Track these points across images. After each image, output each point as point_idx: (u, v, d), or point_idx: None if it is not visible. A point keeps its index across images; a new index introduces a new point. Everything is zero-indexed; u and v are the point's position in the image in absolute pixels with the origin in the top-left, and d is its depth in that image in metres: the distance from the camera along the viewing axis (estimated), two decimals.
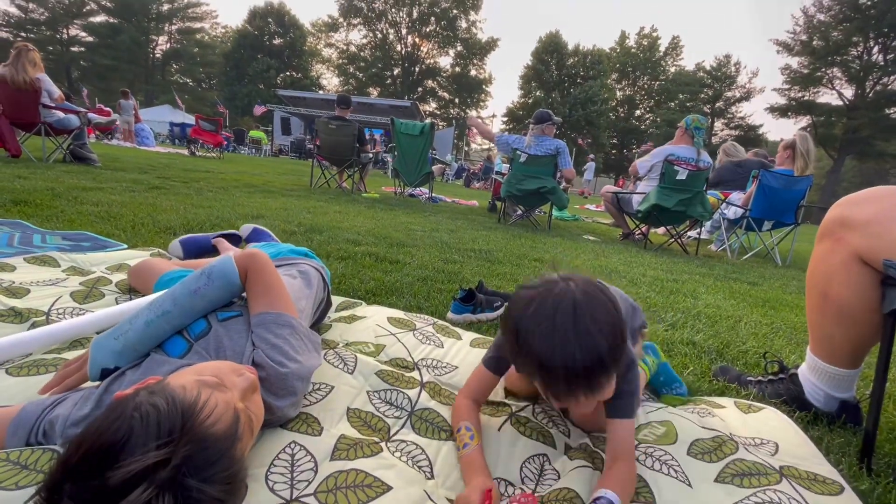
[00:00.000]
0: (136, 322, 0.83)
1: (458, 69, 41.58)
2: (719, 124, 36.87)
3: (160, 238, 2.11)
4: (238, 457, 0.55)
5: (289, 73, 39.43)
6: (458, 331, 1.39)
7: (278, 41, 39.07)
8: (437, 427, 0.91)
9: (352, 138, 5.71)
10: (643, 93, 40.71)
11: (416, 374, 1.10)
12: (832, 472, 0.82)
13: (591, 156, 19.26)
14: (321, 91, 36.97)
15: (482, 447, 0.82)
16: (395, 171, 6.17)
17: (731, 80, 37.20)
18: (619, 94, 40.40)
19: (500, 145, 4.86)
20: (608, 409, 0.81)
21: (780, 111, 31.69)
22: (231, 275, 0.89)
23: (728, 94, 37.29)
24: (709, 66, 37.97)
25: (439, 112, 41.58)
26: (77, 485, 0.46)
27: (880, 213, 0.91)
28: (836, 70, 29.28)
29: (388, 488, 0.70)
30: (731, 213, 4.57)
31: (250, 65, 36.58)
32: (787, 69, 30.79)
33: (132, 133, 11.40)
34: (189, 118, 18.23)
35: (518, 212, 5.18)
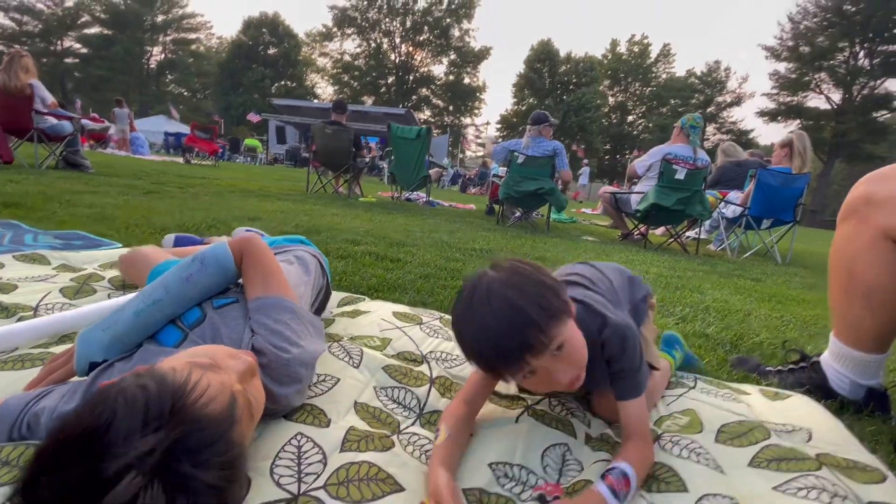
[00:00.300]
0: (124, 313, 0.78)
1: (451, 77, 41.82)
2: (711, 129, 37.21)
3: (155, 239, 2.05)
4: (236, 441, 0.50)
5: (283, 83, 39.51)
6: None
7: (273, 51, 39.21)
8: None
9: (348, 143, 5.68)
10: (635, 99, 41.10)
11: (424, 368, 1.05)
12: (872, 460, 0.78)
13: (586, 161, 19.35)
14: (316, 100, 37.05)
15: (453, 442, 0.74)
16: (392, 175, 6.13)
17: (722, 85, 37.67)
18: (611, 100, 40.77)
19: (496, 155, 4.86)
20: (615, 393, 0.79)
21: (771, 115, 32.10)
22: (225, 260, 0.84)
23: (719, 99, 37.74)
24: (699, 72, 38.47)
25: (433, 120, 41.69)
26: (56, 477, 0.40)
27: None
28: (823, 75, 29.75)
29: (402, 489, 0.66)
30: (730, 211, 4.56)
31: (245, 75, 36.64)
32: (775, 74, 31.26)
33: (127, 142, 11.32)
34: (184, 127, 18.14)
35: (516, 214, 5.15)
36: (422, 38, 40.80)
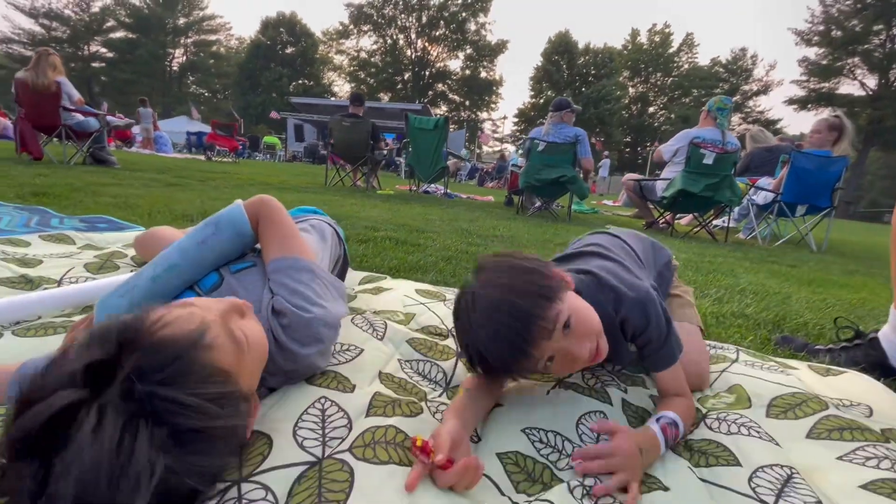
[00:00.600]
0: (141, 278, 0.77)
1: (467, 72, 41.54)
2: (737, 119, 36.04)
3: (176, 225, 2.06)
4: (209, 364, 0.47)
5: (301, 81, 39.91)
6: None
7: (290, 50, 39.62)
8: None
9: (366, 135, 5.66)
10: (656, 89, 40.11)
11: (450, 342, 1.01)
12: None
13: (606, 153, 18.96)
14: (333, 97, 37.32)
15: (470, 398, 0.71)
16: (410, 167, 6.10)
17: (748, 73, 36.43)
18: (631, 91, 39.89)
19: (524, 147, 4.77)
20: (649, 366, 0.78)
21: (800, 103, 30.85)
22: (240, 223, 0.82)
23: (745, 87, 36.50)
24: (724, 60, 37.27)
25: (450, 115, 41.52)
26: (14, 433, 0.39)
27: None
28: (857, 59, 28.42)
29: None
30: (761, 198, 4.37)
31: (263, 74, 37.13)
32: (804, 61, 30.02)
33: (151, 141, 11.59)
34: (205, 127, 18.50)
35: (536, 204, 5.05)
36: (438, 34, 40.61)
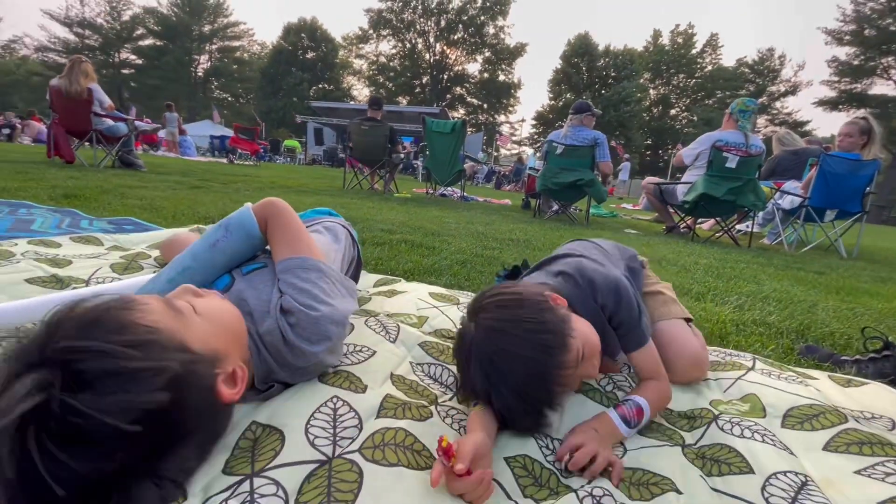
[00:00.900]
0: (158, 280, 0.82)
1: (486, 75, 41.53)
2: (763, 121, 35.09)
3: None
4: (127, 320, 0.51)
5: (321, 86, 40.54)
6: None
7: (311, 55, 40.27)
8: None
9: (384, 139, 5.72)
10: (678, 91, 39.36)
11: None
12: None
13: (627, 156, 18.65)
14: (352, 101, 37.81)
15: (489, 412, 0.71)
16: (427, 171, 6.12)
17: (775, 74, 35.41)
18: (652, 93, 39.23)
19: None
20: (624, 347, 0.82)
21: (831, 104, 29.81)
22: (249, 225, 0.84)
23: (772, 88, 35.50)
24: (750, 61, 36.33)
25: (468, 118, 41.51)
26: None
27: None
28: (891, 59, 27.34)
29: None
30: (787, 202, 4.24)
31: (285, 79, 37.84)
32: (834, 61, 29.02)
33: (176, 144, 11.95)
34: (228, 131, 19.01)
35: (554, 207, 5.02)
36: (456, 37, 40.73)
